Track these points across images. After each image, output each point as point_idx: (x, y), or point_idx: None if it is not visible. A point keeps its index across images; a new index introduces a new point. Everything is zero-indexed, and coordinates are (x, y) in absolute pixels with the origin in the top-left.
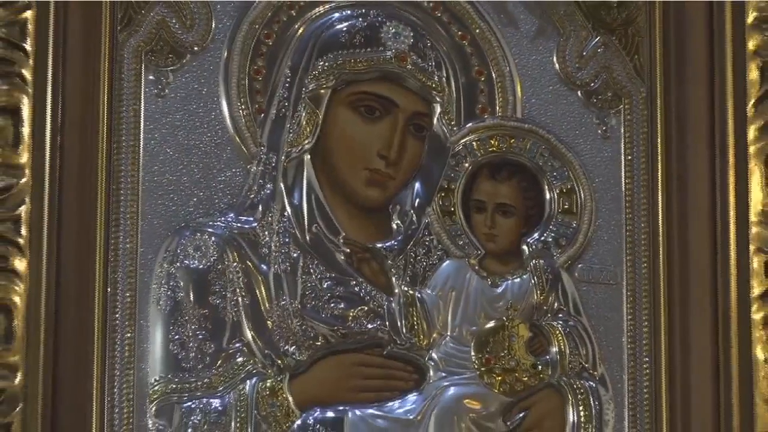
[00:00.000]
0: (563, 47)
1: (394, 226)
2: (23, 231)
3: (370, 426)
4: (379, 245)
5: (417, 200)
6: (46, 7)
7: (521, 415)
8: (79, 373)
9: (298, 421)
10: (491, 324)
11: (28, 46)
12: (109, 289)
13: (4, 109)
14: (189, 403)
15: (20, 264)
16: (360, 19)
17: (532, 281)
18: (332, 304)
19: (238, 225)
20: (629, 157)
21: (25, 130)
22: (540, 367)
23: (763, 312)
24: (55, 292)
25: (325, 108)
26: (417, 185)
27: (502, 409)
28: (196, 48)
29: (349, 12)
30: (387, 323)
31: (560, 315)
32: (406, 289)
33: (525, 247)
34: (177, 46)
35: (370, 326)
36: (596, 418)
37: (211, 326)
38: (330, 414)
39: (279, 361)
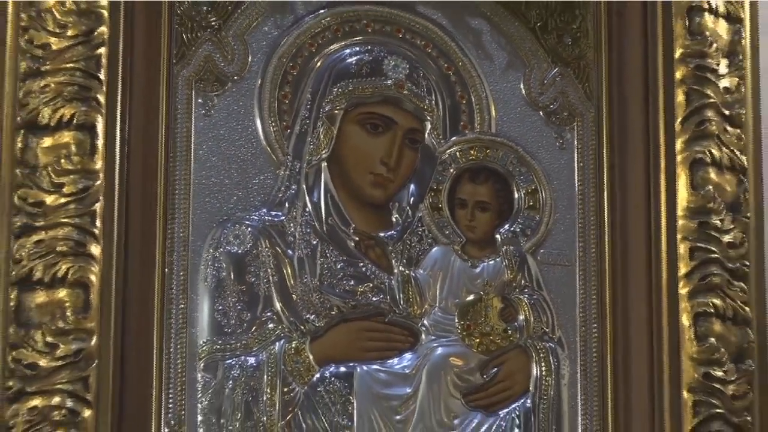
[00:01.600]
0: (528, 76)
1: (394, 219)
2: (98, 223)
3: (374, 378)
4: (381, 234)
5: (412, 198)
6: (116, 45)
7: (495, 369)
8: (142, 336)
9: (317, 375)
10: (471, 297)
11: (102, 75)
12: (166, 270)
13: (83, 125)
14: (230, 361)
15: (95, 249)
16: (366, 54)
17: (504, 263)
18: (344, 282)
19: (269, 218)
20: (581, 165)
21: (99, 143)
22: (510, 331)
23: (688, 288)
24: (123, 272)
25: (339, 125)
26: (412, 186)
27: (480, 365)
28: (236, 77)
29: (357, 48)
30: (388, 297)
31: (526, 290)
32: (403, 269)
33: (498, 236)
34: (220, 75)
35: (374, 299)
36: (555, 372)
37: (247, 299)
38: (342, 369)
39: (302, 327)
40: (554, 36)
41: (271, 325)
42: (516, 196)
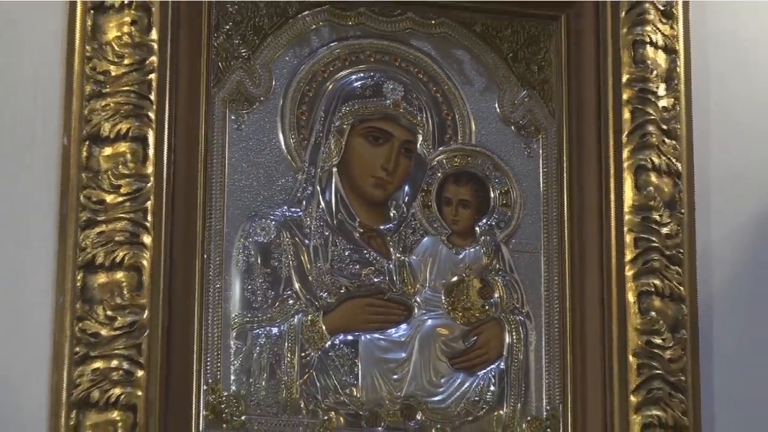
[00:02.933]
0: (502, 97)
1: (392, 214)
2: (149, 218)
3: (375, 345)
4: (381, 227)
5: (406, 197)
6: (164, 72)
7: (475, 338)
8: (185, 310)
9: (329, 342)
10: (455, 278)
11: (152, 97)
12: (205, 256)
13: (137, 137)
14: (257, 330)
15: (147, 239)
16: (369, 79)
17: (482, 250)
18: (351, 266)
19: (290, 214)
20: (545, 170)
21: (150, 152)
22: (487, 307)
23: (633, 270)
24: (170, 258)
25: (346, 137)
26: (406, 187)
27: (462, 334)
28: (262, 98)
29: (362, 74)
30: (387, 278)
31: (500, 272)
32: (399, 255)
33: (477, 228)
34: (249, 97)
35: (375, 280)
36: (523, 340)
37: (271, 280)
38: (349, 337)
39: (316, 303)
40: (523, 64)
41: (291, 302)
42: (492, 195)
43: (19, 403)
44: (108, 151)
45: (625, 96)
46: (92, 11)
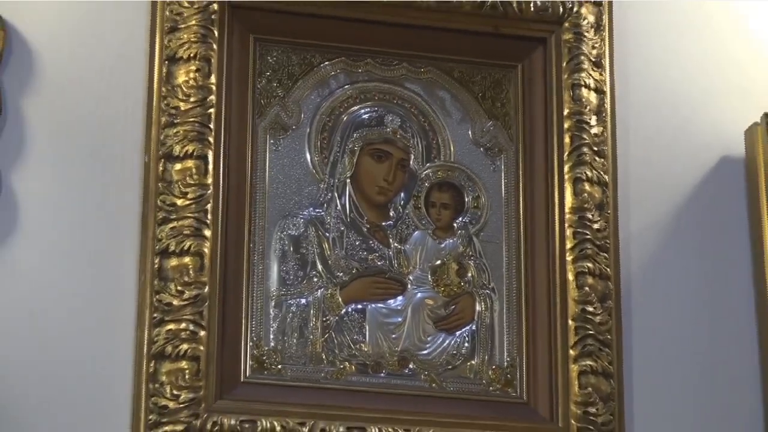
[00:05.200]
0: (474, 126)
1: (391, 214)
2: (209, 216)
3: (378, 312)
4: (383, 223)
5: (402, 201)
6: (220, 107)
7: (453, 307)
8: (236, 286)
9: (344, 310)
10: (438, 262)
11: (212, 126)
12: (251, 245)
13: (200, 156)
14: (290, 301)
15: (207, 233)
16: (374, 113)
17: (459, 241)
18: (360, 253)
19: (315, 213)
20: (506, 181)
21: (210, 167)
22: (462, 283)
23: (572, 256)
24: (224, 247)
25: (357, 156)
26: (402, 194)
27: (444, 304)
28: (294, 127)
29: (368, 109)
30: (387, 262)
31: (472, 258)
32: (397, 245)
33: (455, 225)
34: (284, 125)
35: (379, 263)
36: (490, 308)
37: (300, 263)
38: (359, 306)
39: (334, 281)
40: (490, 101)
41: (315, 280)
42: (466, 200)
43: (111, 356)
44: (178, 166)
45: (566, 125)
46: (167, 62)
